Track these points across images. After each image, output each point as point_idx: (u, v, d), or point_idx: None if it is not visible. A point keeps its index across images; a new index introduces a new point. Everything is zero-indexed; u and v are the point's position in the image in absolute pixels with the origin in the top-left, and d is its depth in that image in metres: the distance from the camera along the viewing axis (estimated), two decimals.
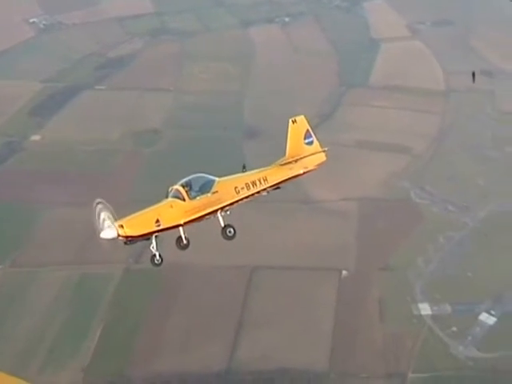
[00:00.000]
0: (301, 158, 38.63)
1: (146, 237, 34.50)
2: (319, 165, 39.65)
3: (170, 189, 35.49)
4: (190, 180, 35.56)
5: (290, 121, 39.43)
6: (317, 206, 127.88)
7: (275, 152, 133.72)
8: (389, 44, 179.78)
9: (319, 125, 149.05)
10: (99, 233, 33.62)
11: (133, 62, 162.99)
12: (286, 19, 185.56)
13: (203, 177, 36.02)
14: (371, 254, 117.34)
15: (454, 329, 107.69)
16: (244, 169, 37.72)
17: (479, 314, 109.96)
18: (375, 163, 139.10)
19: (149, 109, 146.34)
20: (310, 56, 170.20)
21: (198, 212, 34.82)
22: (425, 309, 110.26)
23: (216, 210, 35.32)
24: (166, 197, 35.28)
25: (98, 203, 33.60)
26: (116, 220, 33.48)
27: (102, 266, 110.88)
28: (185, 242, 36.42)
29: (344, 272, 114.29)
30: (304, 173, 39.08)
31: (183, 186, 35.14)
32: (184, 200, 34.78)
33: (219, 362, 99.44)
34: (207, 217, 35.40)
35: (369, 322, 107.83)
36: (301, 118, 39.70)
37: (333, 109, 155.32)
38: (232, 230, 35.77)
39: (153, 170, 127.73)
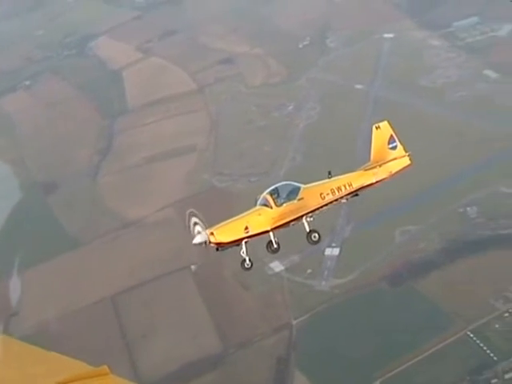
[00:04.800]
0: (385, 163, 38.03)
1: (236, 243, 35.07)
2: (404, 169, 38.69)
3: (257, 197, 36.05)
4: (277, 188, 36.03)
5: (374, 127, 38.62)
6: (139, 225, 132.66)
7: (79, 194, 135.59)
8: (129, 69, 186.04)
9: (103, 160, 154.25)
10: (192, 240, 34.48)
11: None
12: (27, 83, 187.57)
13: (289, 184, 36.53)
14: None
15: (310, 271, 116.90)
16: (330, 175, 37.24)
17: (324, 250, 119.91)
18: (171, 170, 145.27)
19: None
20: (64, 105, 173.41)
21: (285, 219, 35.27)
22: (277, 266, 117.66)
23: (301, 216, 35.47)
24: (255, 204, 35.67)
25: (190, 213, 34.51)
26: (207, 228, 34.34)
27: None
28: (275, 246, 36.52)
29: (192, 266, 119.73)
30: (388, 177, 38.23)
31: (271, 194, 35.60)
32: (271, 208, 35.36)
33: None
34: (293, 223, 35.63)
35: (236, 296, 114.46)
36: (384, 124, 38.74)
37: (108, 141, 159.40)
38: (317, 235, 36.02)
39: None
